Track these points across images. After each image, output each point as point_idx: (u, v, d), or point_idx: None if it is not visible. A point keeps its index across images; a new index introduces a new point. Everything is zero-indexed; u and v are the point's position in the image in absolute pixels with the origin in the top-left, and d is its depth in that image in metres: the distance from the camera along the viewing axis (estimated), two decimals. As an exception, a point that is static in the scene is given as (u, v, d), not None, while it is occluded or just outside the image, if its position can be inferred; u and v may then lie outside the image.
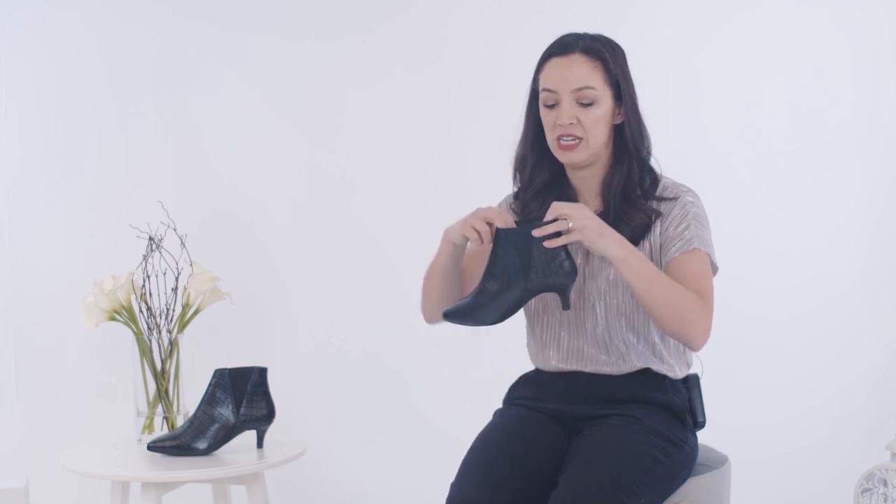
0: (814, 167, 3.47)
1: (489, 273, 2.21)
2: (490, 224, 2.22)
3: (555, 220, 2.18)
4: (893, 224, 3.49)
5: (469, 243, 2.28)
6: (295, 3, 3.36)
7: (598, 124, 2.30)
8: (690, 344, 2.28)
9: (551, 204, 2.22)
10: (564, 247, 2.20)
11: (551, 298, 2.38)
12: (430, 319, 2.47)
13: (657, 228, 2.33)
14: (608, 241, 2.19)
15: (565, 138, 2.31)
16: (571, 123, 2.29)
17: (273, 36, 3.36)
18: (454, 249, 2.33)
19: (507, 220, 2.22)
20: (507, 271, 2.20)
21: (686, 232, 2.30)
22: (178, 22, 3.33)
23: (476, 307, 2.21)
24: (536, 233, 2.18)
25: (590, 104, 2.30)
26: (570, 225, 2.17)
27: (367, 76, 3.39)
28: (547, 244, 2.18)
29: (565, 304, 2.23)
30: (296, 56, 3.37)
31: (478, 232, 2.22)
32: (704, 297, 2.27)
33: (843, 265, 3.49)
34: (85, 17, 3.29)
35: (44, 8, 3.27)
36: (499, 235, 2.21)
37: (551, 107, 2.32)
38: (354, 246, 3.40)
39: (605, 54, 2.31)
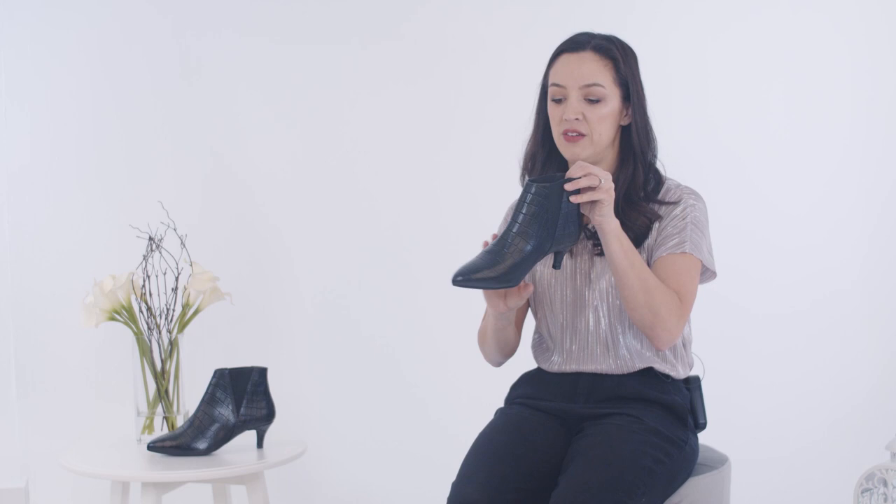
0: (815, 163, 3.47)
1: (518, 228, 2.14)
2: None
3: (582, 176, 2.16)
4: (894, 220, 3.50)
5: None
6: (297, 6, 3.36)
7: (603, 122, 2.31)
8: (655, 340, 2.27)
9: (577, 162, 2.20)
10: (578, 207, 2.18)
11: (555, 299, 2.37)
12: (496, 365, 2.50)
13: (655, 228, 2.33)
14: (611, 212, 2.19)
15: (570, 133, 2.31)
16: (577, 119, 2.30)
17: (274, 38, 3.36)
18: (500, 316, 2.33)
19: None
20: (534, 225, 2.14)
21: (680, 235, 2.30)
22: (179, 22, 3.33)
23: (494, 263, 2.13)
24: (568, 186, 2.14)
25: (597, 101, 2.30)
26: (602, 183, 2.15)
27: (369, 79, 3.39)
28: (573, 199, 2.15)
29: (557, 263, 2.20)
30: (297, 58, 3.37)
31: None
32: (683, 301, 2.27)
33: (843, 260, 3.49)
34: (85, 18, 3.29)
35: (44, 8, 3.27)
36: (529, 188, 2.15)
37: (559, 102, 2.32)
38: (354, 246, 3.40)
39: (616, 54, 2.32)
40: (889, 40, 3.46)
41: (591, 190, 2.15)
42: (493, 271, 2.11)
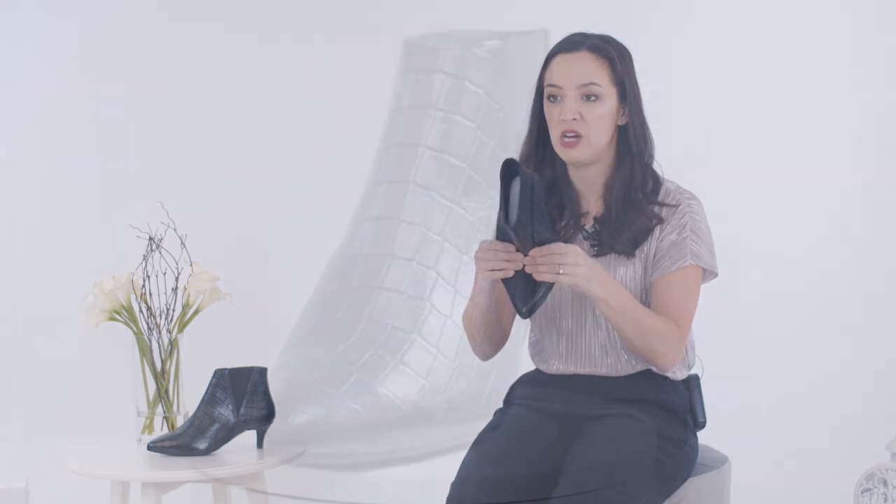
0: (815, 164, 3.47)
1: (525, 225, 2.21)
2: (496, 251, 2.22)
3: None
4: (894, 221, 3.49)
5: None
6: (296, 5, 3.36)
7: (601, 122, 2.30)
8: (655, 366, 2.32)
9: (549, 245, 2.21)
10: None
11: (553, 301, 2.37)
12: (484, 358, 2.48)
13: (656, 234, 2.33)
14: (593, 285, 2.21)
15: (568, 135, 2.30)
16: (574, 119, 2.29)
17: (274, 37, 3.36)
18: (491, 285, 2.32)
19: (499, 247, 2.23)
20: (535, 214, 2.21)
21: (681, 247, 2.30)
22: (179, 22, 3.33)
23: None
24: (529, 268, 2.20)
25: (594, 100, 2.30)
26: (561, 272, 2.18)
27: (370, 79, 3.38)
28: (538, 277, 2.19)
29: None
30: (296, 57, 3.36)
31: (501, 268, 2.22)
32: (681, 325, 2.29)
33: (843, 262, 3.48)
34: (86, 18, 3.29)
35: (44, 8, 3.27)
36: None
37: (555, 102, 2.32)
38: (354, 246, 3.40)
39: (612, 53, 2.31)
40: (890, 40, 3.46)
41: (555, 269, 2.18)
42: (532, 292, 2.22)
